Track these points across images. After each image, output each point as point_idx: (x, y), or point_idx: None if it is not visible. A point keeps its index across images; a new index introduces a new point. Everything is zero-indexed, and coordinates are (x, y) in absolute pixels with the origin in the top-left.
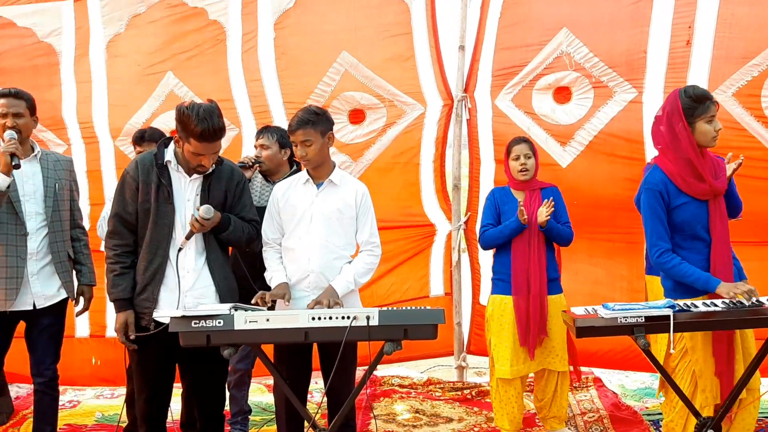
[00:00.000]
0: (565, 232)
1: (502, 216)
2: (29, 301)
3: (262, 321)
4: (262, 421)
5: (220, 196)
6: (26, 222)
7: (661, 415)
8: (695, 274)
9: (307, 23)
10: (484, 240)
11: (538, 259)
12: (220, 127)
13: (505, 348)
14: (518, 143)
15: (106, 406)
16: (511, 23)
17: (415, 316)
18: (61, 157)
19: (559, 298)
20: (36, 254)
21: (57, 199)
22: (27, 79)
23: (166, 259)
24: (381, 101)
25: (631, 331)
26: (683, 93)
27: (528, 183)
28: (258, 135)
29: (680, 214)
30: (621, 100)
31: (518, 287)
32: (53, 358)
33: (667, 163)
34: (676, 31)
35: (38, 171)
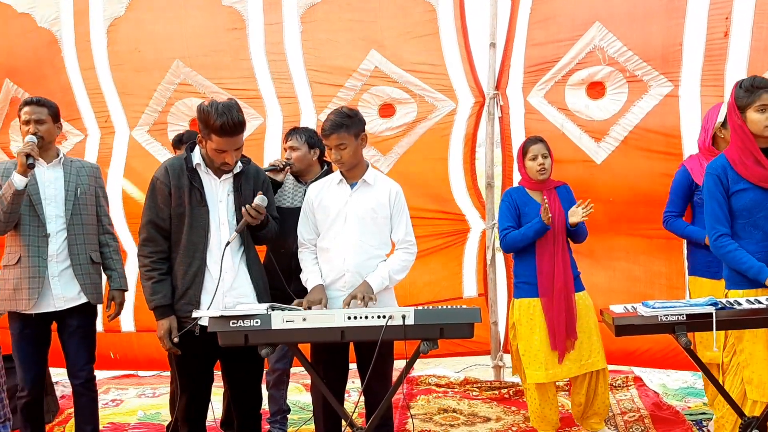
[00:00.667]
0: (586, 230)
1: (522, 218)
2: (52, 303)
3: (298, 320)
4: (300, 420)
5: (250, 195)
6: (47, 224)
7: (704, 415)
8: (749, 263)
9: (335, 20)
10: (507, 243)
11: (562, 259)
12: (240, 121)
13: (537, 351)
14: (534, 143)
15: (148, 405)
16: (542, 19)
17: (451, 315)
18: (86, 164)
19: (584, 295)
20: (56, 256)
21: (78, 203)
22: (33, 71)
23: (204, 261)
24: (411, 96)
25: (672, 330)
26: (738, 84)
27: (544, 183)
28: (287, 137)
29: (739, 200)
30: (657, 94)
31: (546, 289)
32: (86, 359)
33: (730, 148)
34: (713, 22)
35: (60, 176)
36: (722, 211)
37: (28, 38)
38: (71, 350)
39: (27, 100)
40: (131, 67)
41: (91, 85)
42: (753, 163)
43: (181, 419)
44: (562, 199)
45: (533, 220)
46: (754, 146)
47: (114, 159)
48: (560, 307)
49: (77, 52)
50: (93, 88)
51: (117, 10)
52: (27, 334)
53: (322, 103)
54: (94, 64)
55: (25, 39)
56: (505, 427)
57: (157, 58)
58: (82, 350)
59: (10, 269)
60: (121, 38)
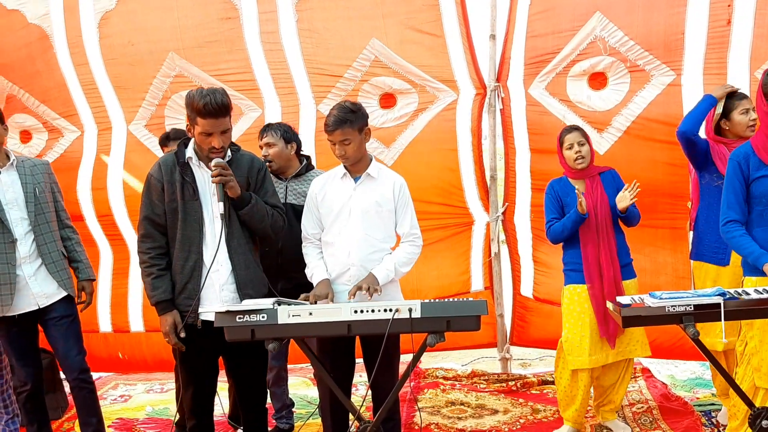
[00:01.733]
0: (638, 213)
1: (565, 207)
2: (32, 302)
3: (305, 315)
4: (308, 414)
5: (242, 183)
6: (13, 229)
7: (713, 405)
8: (750, 248)
9: (333, 8)
10: (551, 234)
11: (608, 246)
12: (224, 102)
13: (582, 337)
14: (569, 132)
15: (157, 401)
16: (542, 10)
17: (458, 308)
18: (37, 161)
19: (633, 283)
20: (28, 257)
21: (39, 203)
22: (26, 68)
23: (200, 255)
24: (412, 86)
25: (680, 320)
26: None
27: (585, 170)
28: (261, 134)
29: (759, 186)
30: (659, 83)
31: (591, 276)
32: (76, 349)
33: (757, 135)
34: (715, 10)
35: (16, 178)
36: (736, 198)
37: (20, 35)
38: (59, 343)
39: None
40: (125, 60)
41: (86, 80)
42: None
43: (188, 413)
44: (607, 184)
45: (572, 209)
46: None
47: (113, 154)
48: (611, 295)
49: (69, 48)
50: (88, 83)
51: (107, 3)
52: (15, 333)
53: (322, 94)
54: (88, 59)
55: (17, 36)
56: (512, 420)
57: (151, 51)
58: (70, 341)
59: None
60: (114, 32)
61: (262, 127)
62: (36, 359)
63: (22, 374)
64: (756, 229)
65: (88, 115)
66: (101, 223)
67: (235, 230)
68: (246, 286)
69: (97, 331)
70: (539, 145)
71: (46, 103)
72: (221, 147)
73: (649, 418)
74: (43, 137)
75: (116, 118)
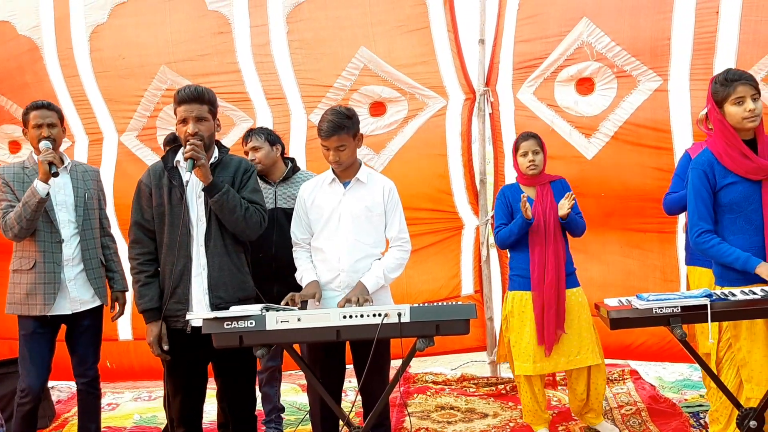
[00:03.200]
0: (581, 223)
1: (515, 214)
2: (67, 306)
3: (293, 320)
4: (297, 420)
5: (228, 182)
6: (60, 230)
7: (701, 407)
8: (734, 254)
9: (323, 18)
10: (499, 239)
11: (554, 253)
12: (198, 90)
13: (527, 344)
14: (525, 140)
15: (144, 409)
16: (530, 15)
17: (447, 312)
18: (88, 167)
19: (577, 291)
20: (71, 260)
21: (87, 208)
22: (15, 78)
23: (189, 259)
24: (402, 94)
25: (667, 322)
26: (713, 79)
27: (537, 178)
28: (245, 139)
29: (728, 194)
30: (646, 89)
31: (537, 282)
32: (94, 358)
33: (715, 143)
34: (701, 16)
35: (68, 181)
36: (706, 208)
37: (9, 46)
38: (80, 350)
39: (36, 103)
40: (116, 73)
41: (76, 92)
42: (739, 156)
43: (177, 421)
44: (557, 193)
45: (518, 214)
46: (737, 139)
47: (104, 165)
48: (550, 301)
49: (59, 60)
50: (78, 95)
51: (99, 16)
52: (39, 335)
53: (312, 104)
54: (78, 72)
55: (6, 47)
56: (502, 423)
57: (142, 64)
58: (91, 349)
59: (24, 274)
60: (105, 45)
61: (245, 134)
62: (48, 371)
63: (31, 379)
64: (729, 237)
65: (78, 126)
66: None
67: (213, 231)
68: (217, 288)
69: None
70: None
71: None
72: (195, 132)
73: (637, 420)
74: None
75: (107, 129)
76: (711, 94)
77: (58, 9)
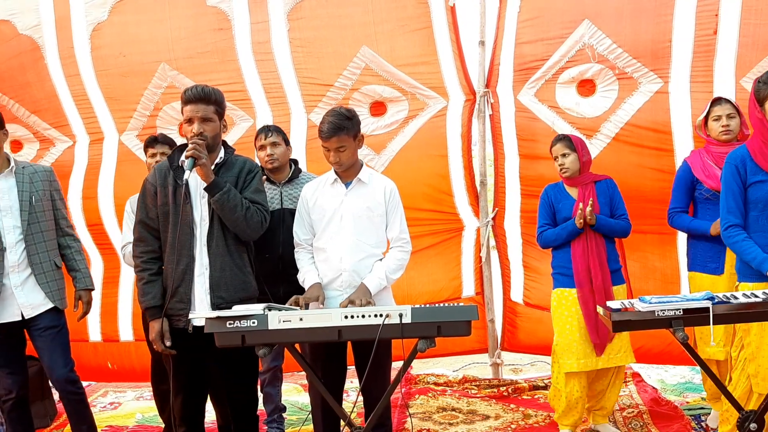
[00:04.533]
0: (619, 226)
1: (557, 214)
2: (16, 312)
3: (295, 320)
4: (299, 420)
5: (231, 182)
6: (4, 237)
7: (702, 409)
8: (753, 253)
9: (324, 16)
10: (543, 241)
11: (597, 253)
12: (205, 90)
13: (570, 341)
14: (554, 144)
15: (146, 408)
16: (531, 17)
17: (448, 313)
18: (39, 168)
19: (622, 289)
20: (17, 266)
21: (34, 212)
22: (17, 78)
23: (192, 259)
24: (402, 94)
25: (669, 325)
26: (758, 78)
27: (578, 178)
28: (265, 134)
29: (756, 192)
30: (647, 90)
31: (581, 280)
32: (63, 360)
33: (752, 139)
34: (701, 18)
35: (14, 185)
36: (735, 203)
37: (10, 45)
38: (45, 354)
39: None
40: (117, 72)
41: (77, 91)
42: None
43: (178, 420)
44: (600, 193)
45: (568, 219)
46: None
47: (104, 164)
48: (601, 301)
49: (60, 59)
50: (79, 94)
51: (99, 15)
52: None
53: (313, 103)
54: (79, 70)
55: (7, 46)
56: (504, 425)
57: (142, 62)
58: (57, 351)
59: None
60: (105, 43)
61: (263, 127)
62: (22, 368)
63: (8, 383)
64: (752, 234)
65: (79, 125)
66: (91, 232)
67: (215, 231)
68: (218, 288)
69: (87, 340)
70: (528, 151)
71: (36, 113)
72: (199, 132)
73: (639, 423)
74: (33, 147)
75: (108, 128)
76: (753, 93)
77: (58, 8)
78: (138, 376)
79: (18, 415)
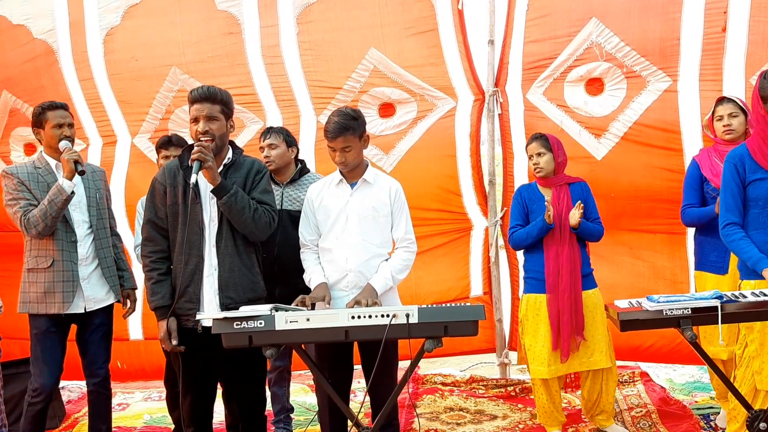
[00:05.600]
0: (596, 230)
1: (530, 215)
2: (81, 305)
3: (302, 321)
4: (306, 421)
5: (240, 183)
6: (75, 230)
7: (711, 409)
8: (750, 252)
9: (333, 19)
10: (513, 241)
11: (569, 256)
12: (213, 90)
13: (542, 347)
14: (530, 142)
15: (155, 409)
16: (539, 15)
17: (455, 313)
18: (96, 168)
19: (594, 293)
20: (85, 260)
21: (99, 208)
22: (31, 82)
23: (201, 259)
24: (411, 95)
25: (678, 324)
26: (763, 75)
27: (552, 179)
28: (264, 136)
29: (756, 190)
30: (655, 89)
31: (552, 285)
32: (105, 357)
33: (752, 137)
34: (710, 16)
35: (80, 181)
36: (734, 201)
37: (25, 49)
38: (91, 349)
39: (53, 104)
40: (129, 75)
41: (90, 95)
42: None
43: (187, 420)
44: (575, 195)
45: (538, 218)
46: None
47: (116, 166)
48: (565, 305)
49: (74, 63)
50: (92, 98)
51: (112, 19)
52: (52, 333)
53: (322, 105)
54: (93, 74)
55: (22, 50)
56: (511, 425)
57: (153, 66)
58: (102, 348)
59: (41, 273)
60: (118, 47)
61: (264, 129)
62: (61, 370)
63: (41, 381)
64: (752, 232)
65: (92, 128)
66: None
67: (224, 232)
68: (227, 289)
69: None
70: None
71: None
72: (205, 131)
73: (647, 422)
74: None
75: (121, 131)
76: (758, 89)
77: (72, 12)
78: (147, 375)
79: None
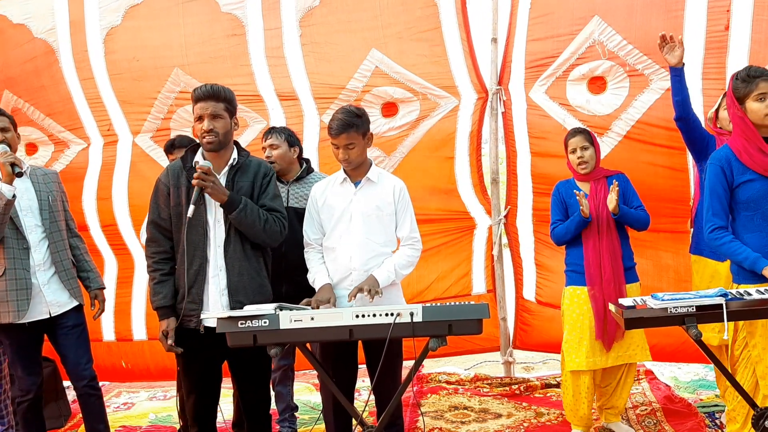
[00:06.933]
0: (641, 216)
1: (569, 209)
2: (44, 310)
3: (306, 320)
4: (311, 419)
5: (247, 187)
6: (27, 236)
7: (716, 407)
8: (744, 253)
9: (334, 22)
10: (555, 236)
11: (610, 249)
12: (215, 87)
13: (580, 339)
14: (573, 136)
15: (159, 408)
16: (542, 13)
17: (460, 312)
18: (47, 170)
19: (636, 287)
20: (42, 265)
21: (52, 211)
22: (31, 81)
23: (205, 260)
24: (414, 94)
25: (682, 322)
26: (735, 75)
27: (591, 174)
28: (266, 136)
29: (746, 191)
30: (658, 88)
31: (592, 278)
32: (86, 357)
33: (733, 139)
34: (712, 14)
35: (30, 186)
36: (721, 205)
37: (25, 49)
38: (70, 352)
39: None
40: (130, 76)
41: (91, 94)
42: (757, 153)
43: (190, 420)
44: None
45: (575, 212)
46: (757, 136)
47: (118, 166)
48: (611, 298)
49: (75, 62)
50: (93, 98)
51: (113, 19)
52: (24, 341)
53: (325, 105)
54: (93, 74)
55: (22, 50)
56: (516, 423)
57: (155, 66)
58: (81, 349)
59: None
60: (119, 47)
61: (266, 130)
62: (40, 368)
63: (26, 383)
64: (745, 235)
65: (93, 127)
66: (105, 233)
67: (233, 236)
68: (237, 293)
69: (101, 339)
70: (540, 149)
71: (51, 116)
72: (210, 129)
73: (652, 420)
74: (48, 149)
75: (122, 130)
76: (732, 90)
77: (73, 12)
78: (152, 375)
79: (32, 416)
